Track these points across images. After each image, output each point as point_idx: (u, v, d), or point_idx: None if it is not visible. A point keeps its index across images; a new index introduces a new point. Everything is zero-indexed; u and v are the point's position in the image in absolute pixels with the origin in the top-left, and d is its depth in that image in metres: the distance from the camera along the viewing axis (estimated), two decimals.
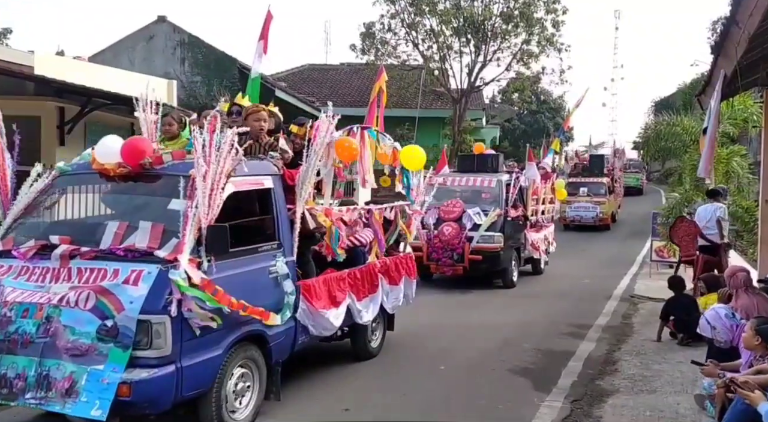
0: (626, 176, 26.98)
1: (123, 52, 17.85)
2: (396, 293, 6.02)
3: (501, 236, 9.52)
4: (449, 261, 9.42)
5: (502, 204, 9.91)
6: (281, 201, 4.57)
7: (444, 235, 9.47)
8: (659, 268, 11.53)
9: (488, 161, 11.14)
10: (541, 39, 20.68)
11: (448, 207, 9.82)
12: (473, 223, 9.55)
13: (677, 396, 4.94)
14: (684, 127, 12.03)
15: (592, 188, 19.45)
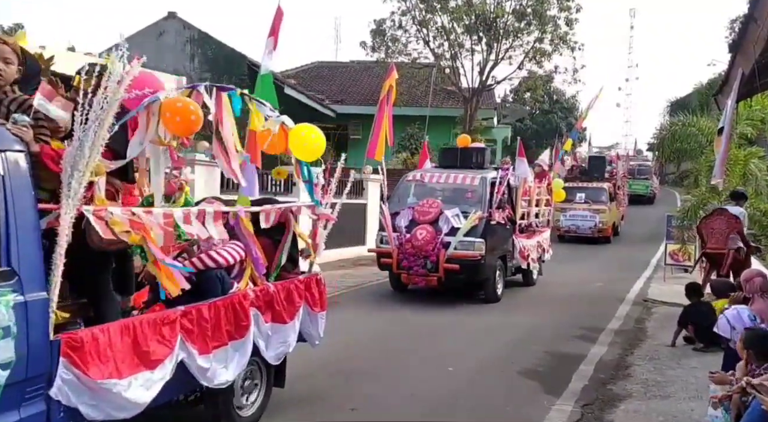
0: (634, 183, 24.60)
1: (133, 49, 17.79)
2: (283, 335, 4.07)
3: (482, 243, 8.24)
4: (422, 270, 8.19)
5: (485, 205, 8.61)
6: (19, 196, 2.69)
7: (417, 240, 8.23)
8: (674, 272, 11.36)
9: (473, 155, 9.75)
10: (554, 37, 20.48)
11: (423, 208, 8.55)
12: (451, 226, 8.30)
13: (691, 402, 4.81)
14: (700, 128, 11.83)
15: (591, 194, 17.21)
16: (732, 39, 21.53)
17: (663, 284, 10.67)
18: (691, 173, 14.37)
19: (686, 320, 6.48)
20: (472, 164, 9.61)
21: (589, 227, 16.64)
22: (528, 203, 10.25)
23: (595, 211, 16.79)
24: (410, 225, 8.43)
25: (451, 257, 8.14)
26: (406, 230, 8.41)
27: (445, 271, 8.13)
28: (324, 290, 4.57)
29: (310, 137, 4.28)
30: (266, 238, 4.14)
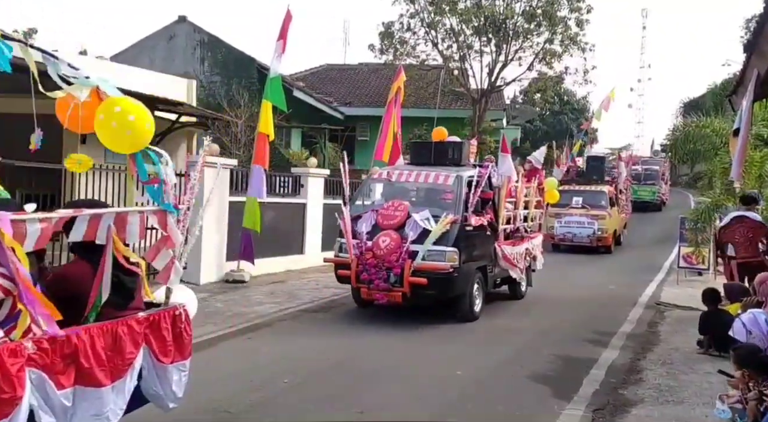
0: (640, 189, 22.76)
1: (144, 52, 18.08)
2: (97, 404, 2.81)
3: (455, 252, 7.06)
4: (384, 284, 7.00)
5: (459, 208, 7.37)
6: None
7: (379, 248, 7.05)
8: (687, 275, 11.23)
9: (449, 150, 8.41)
10: (564, 38, 20.37)
11: (387, 211, 7.40)
12: (419, 233, 7.13)
13: (706, 407, 4.72)
14: (714, 129, 11.67)
15: (589, 198, 15.40)
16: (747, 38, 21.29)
17: (676, 288, 10.54)
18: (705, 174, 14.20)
19: (706, 327, 6.37)
20: (447, 160, 8.26)
21: (587, 235, 14.84)
22: (514, 205, 8.94)
23: (594, 217, 14.93)
24: (373, 231, 7.29)
25: (419, 269, 6.94)
26: (367, 236, 7.24)
27: (411, 285, 6.91)
28: (187, 329, 3.36)
29: (126, 118, 2.98)
30: (85, 261, 3.07)
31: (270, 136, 9.61)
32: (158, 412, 4.36)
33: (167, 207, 3.35)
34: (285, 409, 4.56)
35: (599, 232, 14.84)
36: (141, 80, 11.35)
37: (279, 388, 4.94)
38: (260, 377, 5.19)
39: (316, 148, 16.81)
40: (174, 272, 3.36)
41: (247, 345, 6.35)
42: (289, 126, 16.72)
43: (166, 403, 3.32)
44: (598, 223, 14.91)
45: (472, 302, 7.52)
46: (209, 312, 7.40)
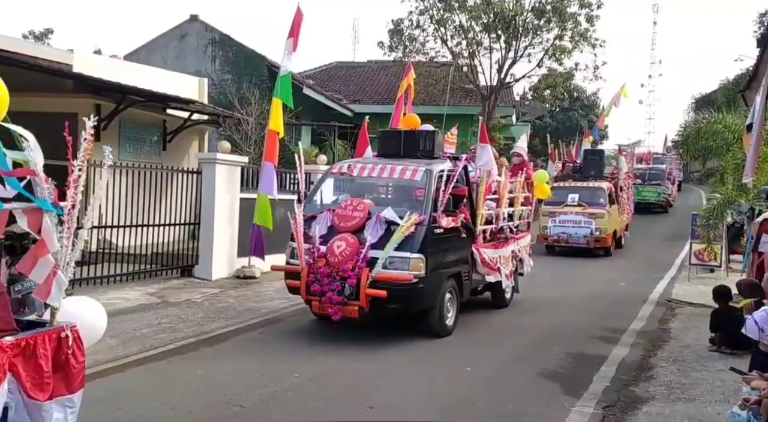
0: (644, 189, 21.24)
1: (156, 51, 18.22)
2: None
3: (420, 259, 6.11)
4: (337, 298, 6.04)
5: (426, 207, 6.38)
6: None
7: (333, 254, 6.12)
8: (699, 272, 11.15)
9: (420, 141, 7.38)
10: (574, 34, 20.24)
11: (345, 210, 6.43)
12: (379, 236, 6.16)
13: (718, 405, 4.71)
14: (726, 124, 11.56)
15: (586, 196, 14.12)
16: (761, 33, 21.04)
17: (687, 285, 10.48)
18: (717, 170, 14.08)
19: (717, 325, 6.34)
20: (419, 152, 7.26)
21: (583, 236, 13.56)
22: (497, 203, 7.97)
23: (591, 216, 13.58)
24: (329, 234, 6.36)
25: (378, 280, 5.98)
26: (321, 240, 6.30)
27: (369, 299, 5.97)
28: (76, 355, 2.90)
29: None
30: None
31: (280, 133, 9.67)
32: (167, 407, 4.46)
33: (43, 205, 2.73)
34: (296, 404, 4.60)
35: (597, 232, 13.53)
36: (154, 79, 11.47)
37: (290, 383, 4.99)
38: (271, 372, 5.25)
39: (325, 145, 16.87)
40: (56, 286, 2.81)
41: (258, 340, 6.41)
42: (299, 123, 16.78)
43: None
44: (595, 222, 13.58)
45: (443, 316, 6.52)
46: (221, 308, 7.49)
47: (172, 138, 12.34)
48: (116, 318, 6.82)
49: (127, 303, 7.54)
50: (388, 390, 4.99)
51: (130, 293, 8.07)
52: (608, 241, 13.81)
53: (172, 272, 9.32)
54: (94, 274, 8.26)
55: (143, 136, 11.82)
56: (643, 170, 22.28)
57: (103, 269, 8.41)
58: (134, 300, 7.72)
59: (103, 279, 8.35)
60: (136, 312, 7.13)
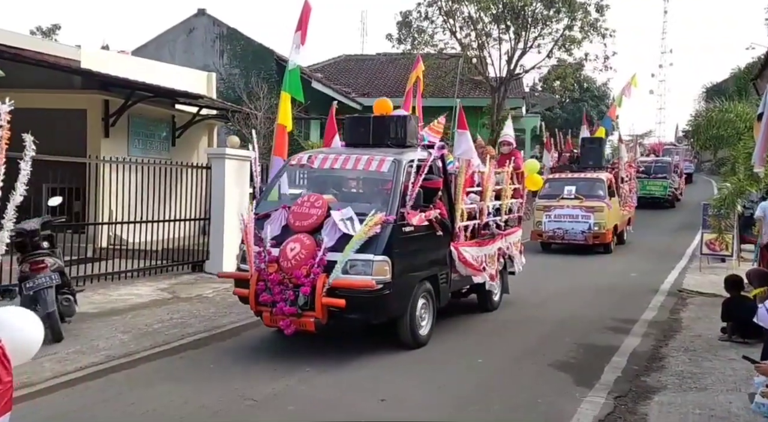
0: (649, 183, 20.33)
1: (164, 46, 18.29)
2: None
3: (385, 262, 5.35)
4: (289, 308, 5.28)
5: (393, 203, 5.60)
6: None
7: (286, 259, 5.36)
8: (710, 262, 11.07)
9: (390, 127, 6.55)
10: (584, 24, 20.05)
11: (301, 207, 5.63)
12: (338, 237, 5.41)
13: (729, 394, 4.69)
14: (738, 113, 11.41)
15: (583, 188, 13.11)
16: None
17: (698, 275, 10.41)
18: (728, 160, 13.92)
19: (729, 314, 6.30)
20: (389, 140, 6.48)
21: (580, 231, 12.59)
22: (481, 196, 7.20)
23: (589, 209, 12.60)
24: (282, 235, 5.59)
25: (336, 287, 5.24)
26: (273, 242, 5.52)
27: (325, 309, 5.25)
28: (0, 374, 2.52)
29: None
30: None
31: (288, 127, 9.68)
32: (180, 401, 4.50)
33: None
34: (308, 396, 4.63)
35: (595, 227, 12.56)
36: (162, 74, 11.51)
37: (302, 376, 5.02)
38: (283, 366, 5.28)
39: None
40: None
41: (269, 334, 6.44)
42: (308, 117, 16.78)
43: None
44: (594, 216, 12.55)
45: (415, 325, 5.77)
46: (232, 302, 7.52)
47: (181, 133, 12.40)
48: (128, 313, 6.91)
49: (139, 299, 7.62)
50: (400, 383, 5.01)
51: (141, 289, 8.15)
52: (608, 237, 12.80)
53: (183, 268, 9.40)
54: (106, 270, 8.35)
55: (152, 131, 11.88)
56: (648, 163, 21.31)
57: (115, 266, 8.49)
58: (146, 296, 7.80)
59: (115, 275, 8.43)
60: (148, 308, 7.20)
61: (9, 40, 9.18)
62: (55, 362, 5.22)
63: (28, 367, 5.03)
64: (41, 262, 5.81)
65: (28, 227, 5.96)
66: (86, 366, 5.14)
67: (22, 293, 5.82)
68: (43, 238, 6.07)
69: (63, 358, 5.31)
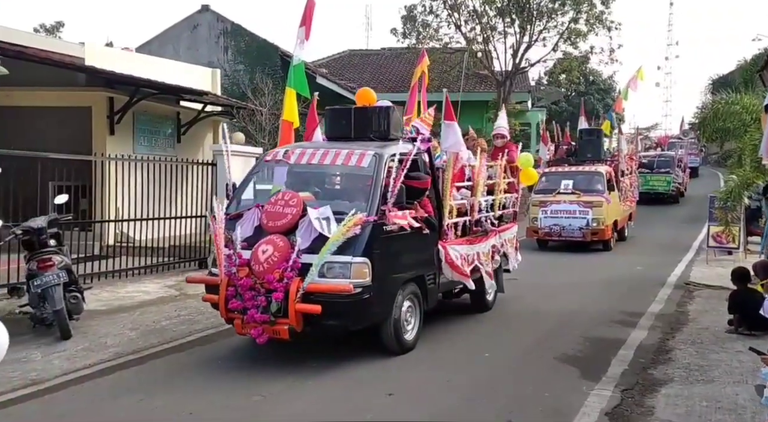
0: (652, 178, 19.61)
1: (168, 42, 18.30)
2: None
3: (365, 264, 5.00)
4: (261, 316, 4.92)
5: (373, 201, 5.23)
6: None
7: (258, 262, 5.00)
8: (717, 254, 11.02)
9: (373, 119, 6.12)
10: (589, 17, 19.95)
11: (275, 206, 5.26)
12: (313, 238, 5.05)
13: (736, 386, 4.68)
14: (744, 105, 11.31)
15: (581, 182, 12.54)
16: None
17: (705, 267, 10.37)
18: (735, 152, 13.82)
19: (736, 307, 6.27)
20: (372, 132, 6.07)
21: (578, 227, 12.01)
22: (471, 191, 6.82)
23: (587, 204, 12.04)
24: (254, 236, 5.22)
25: (312, 292, 4.88)
26: (244, 244, 5.16)
27: (299, 315, 4.89)
28: None
29: None
30: None
31: (295, 123, 9.67)
32: (189, 397, 4.53)
33: None
34: (316, 392, 4.65)
35: (594, 223, 11.96)
36: (166, 71, 11.54)
37: (309, 372, 5.03)
38: (290, 361, 5.29)
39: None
40: None
41: None
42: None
43: None
44: (592, 212, 11.97)
45: (400, 330, 5.40)
46: None
47: (186, 130, 12.43)
48: (136, 310, 6.96)
49: (146, 296, 7.66)
50: (408, 377, 5.03)
51: (149, 286, 8.20)
52: (607, 233, 12.19)
53: (189, 265, 9.44)
54: (113, 267, 8.39)
55: (157, 128, 11.92)
56: (651, 158, 20.69)
57: (122, 263, 8.54)
58: (153, 293, 7.84)
59: (122, 273, 8.48)
60: (156, 305, 7.24)
61: (13, 37, 9.22)
62: (64, 359, 5.26)
63: (39, 365, 5.10)
64: (49, 260, 5.84)
65: (35, 225, 6.00)
66: (95, 363, 5.18)
67: (30, 291, 5.86)
68: (51, 236, 6.11)
69: (72, 355, 5.36)
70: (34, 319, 5.88)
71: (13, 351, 5.45)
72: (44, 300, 5.76)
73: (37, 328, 5.91)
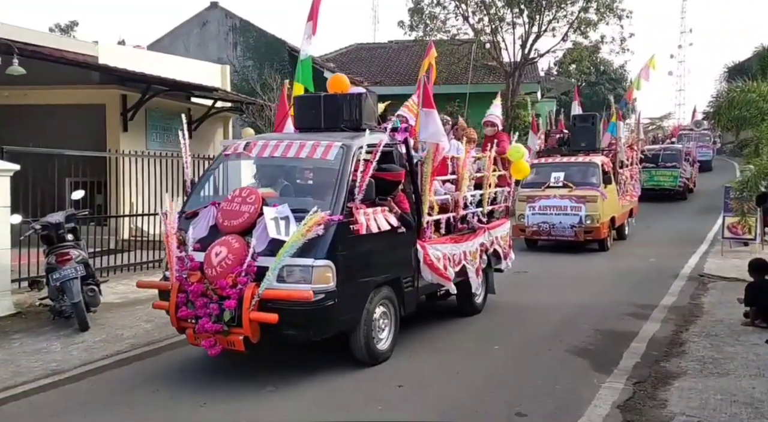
0: (657, 173, 18.45)
1: (179, 39, 18.41)
2: None
3: (328, 267, 4.54)
4: (212, 325, 4.49)
5: (338, 196, 4.75)
6: None
7: (210, 265, 4.56)
8: (732, 246, 10.91)
9: (344, 108, 5.55)
10: (600, 6, 19.68)
11: (232, 204, 4.80)
12: (272, 238, 4.53)
13: (752, 379, 4.64)
14: (761, 93, 11.14)
15: (574, 174, 11.27)
16: None
17: (720, 259, 10.26)
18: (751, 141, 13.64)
19: (753, 299, 6.21)
20: (344, 122, 5.52)
21: (570, 225, 10.83)
22: (456, 185, 6.32)
23: (580, 199, 10.81)
24: (210, 237, 4.77)
25: (268, 298, 4.44)
26: (197, 246, 4.73)
27: (255, 325, 4.43)
28: None
29: None
30: None
31: None
32: (203, 387, 4.60)
33: None
34: (328, 384, 4.69)
35: (587, 221, 10.71)
36: (177, 68, 11.62)
37: (320, 364, 5.07)
38: (300, 352, 5.34)
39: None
40: None
41: None
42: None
43: None
44: (586, 208, 10.74)
45: (371, 339, 4.95)
46: None
47: (197, 126, 12.52)
48: (151, 303, 7.02)
49: None
50: (417, 369, 5.05)
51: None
52: (602, 232, 10.92)
53: None
54: (128, 261, 8.51)
55: (169, 125, 12.02)
56: (656, 151, 19.24)
57: (137, 257, 8.65)
58: None
59: (137, 266, 8.60)
60: None
61: (29, 38, 9.33)
62: (83, 350, 5.38)
63: (58, 355, 5.21)
64: (66, 254, 5.97)
65: (53, 220, 6.12)
66: (112, 354, 5.29)
67: (50, 284, 5.99)
68: (68, 231, 6.23)
69: (90, 347, 5.47)
70: (54, 311, 6.04)
71: (35, 342, 5.59)
72: (63, 293, 5.89)
73: (56, 320, 6.08)
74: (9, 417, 4.17)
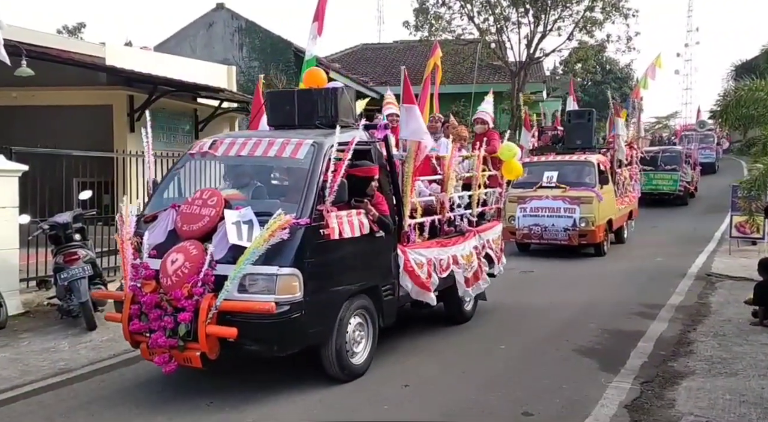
0: (656, 176, 17.57)
1: (185, 41, 18.50)
2: None
3: (294, 275, 4.16)
4: (166, 340, 4.10)
5: (306, 198, 4.37)
6: None
7: (166, 274, 4.19)
8: (740, 245, 10.85)
9: (318, 104, 5.20)
10: (605, 4, 19.66)
11: (191, 207, 4.43)
12: (231, 245, 4.16)
13: (761, 380, 4.62)
14: None
15: (568, 173, 10.67)
16: None
17: (728, 258, 10.20)
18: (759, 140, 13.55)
19: (762, 298, 6.17)
20: (318, 119, 5.16)
21: (563, 228, 10.17)
22: (441, 187, 6.00)
23: (574, 200, 10.18)
24: (168, 242, 4.38)
25: (227, 310, 4.07)
26: (153, 252, 4.35)
27: (213, 340, 4.08)
28: None
29: None
30: None
31: None
32: (210, 386, 4.62)
33: None
34: (330, 382, 4.67)
35: (582, 223, 10.08)
36: (183, 69, 11.67)
37: None
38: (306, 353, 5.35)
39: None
40: None
41: None
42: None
43: None
44: (580, 209, 10.10)
45: (343, 354, 4.58)
46: None
47: (204, 127, 12.57)
48: None
49: None
50: (423, 368, 5.05)
51: None
52: (598, 235, 10.25)
53: None
54: None
55: (176, 125, 12.08)
56: (655, 153, 18.28)
57: None
58: None
59: None
60: None
61: (37, 39, 9.39)
62: (90, 349, 5.42)
63: (66, 354, 5.25)
64: (74, 254, 6.01)
65: (60, 220, 6.17)
66: (119, 352, 5.32)
67: (57, 284, 6.03)
68: (76, 231, 6.27)
69: (97, 346, 5.51)
70: (62, 310, 6.09)
71: (43, 341, 5.64)
72: (71, 293, 5.94)
73: (64, 319, 6.13)
74: (18, 415, 4.21)
